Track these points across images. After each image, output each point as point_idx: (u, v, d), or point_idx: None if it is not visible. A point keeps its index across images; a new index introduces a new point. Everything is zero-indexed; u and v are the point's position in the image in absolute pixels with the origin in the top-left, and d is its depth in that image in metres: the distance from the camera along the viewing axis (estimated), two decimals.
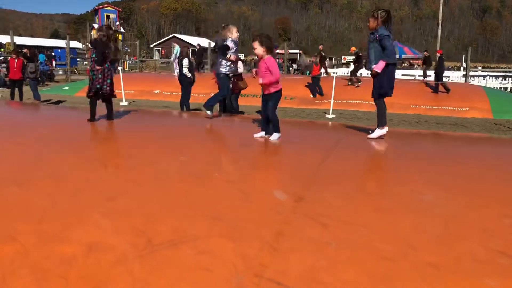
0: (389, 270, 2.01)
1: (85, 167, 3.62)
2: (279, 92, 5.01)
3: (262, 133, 5.07)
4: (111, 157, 4.13)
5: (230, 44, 6.53)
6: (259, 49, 4.90)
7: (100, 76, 5.92)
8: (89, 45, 6.05)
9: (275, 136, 4.96)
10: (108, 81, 6.02)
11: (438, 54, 17.09)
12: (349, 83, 16.25)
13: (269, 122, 5.04)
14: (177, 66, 21.85)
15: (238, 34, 6.69)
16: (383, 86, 5.07)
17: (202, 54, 23.65)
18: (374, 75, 5.01)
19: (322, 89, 15.12)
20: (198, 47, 24.08)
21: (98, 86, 5.91)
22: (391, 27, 5.14)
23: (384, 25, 5.00)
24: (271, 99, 5.01)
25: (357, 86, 15.69)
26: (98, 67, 5.87)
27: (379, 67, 4.91)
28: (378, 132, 5.19)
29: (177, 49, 22.27)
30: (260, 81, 4.90)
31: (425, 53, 19.65)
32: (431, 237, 2.34)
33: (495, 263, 2.08)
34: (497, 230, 2.45)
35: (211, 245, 2.20)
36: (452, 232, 2.40)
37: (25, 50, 13.47)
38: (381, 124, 5.21)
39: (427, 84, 16.15)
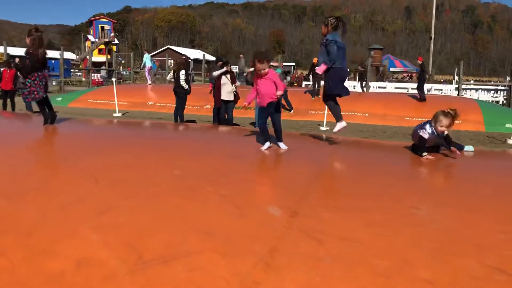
0: (385, 286, 1.98)
1: (76, 180, 3.57)
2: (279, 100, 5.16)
3: (268, 143, 5.05)
4: (102, 170, 4.08)
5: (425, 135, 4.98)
6: (267, 67, 4.97)
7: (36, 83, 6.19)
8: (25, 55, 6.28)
9: (283, 145, 5.09)
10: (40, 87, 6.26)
11: (419, 62, 17.11)
12: (314, 97, 16.82)
13: (266, 131, 5.12)
14: (149, 75, 22.24)
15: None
16: (327, 87, 5.52)
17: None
18: (316, 75, 5.57)
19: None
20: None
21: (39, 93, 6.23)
22: (345, 34, 5.48)
23: (335, 31, 5.31)
24: (276, 109, 5.14)
25: (313, 98, 15.99)
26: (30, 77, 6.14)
27: (320, 69, 5.31)
28: (338, 126, 5.56)
29: (145, 57, 22.87)
30: (279, 92, 4.98)
31: (360, 68, 19.65)
32: (426, 252, 2.31)
33: (491, 279, 2.06)
34: (492, 245, 2.43)
35: (203, 261, 2.15)
36: (448, 248, 2.37)
37: (17, 60, 13.43)
38: (338, 119, 5.58)
39: (413, 96, 16.26)
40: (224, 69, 10.14)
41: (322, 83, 22.75)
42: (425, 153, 4.77)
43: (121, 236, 2.42)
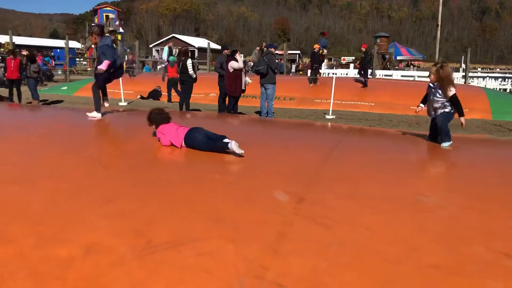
0: (392, 272, 1.99)
1: (85, 168, 3.59)
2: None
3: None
4: (110, 158, 4.10)
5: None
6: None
7: None
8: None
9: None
10: None
11: (363, 49, 16.83)
12: (311, 83, 16.77)
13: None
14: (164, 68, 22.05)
15: None
16: (101, 80, 6.59)
17: (172, 54, 24.08)
18: (99, 73, 6.39)
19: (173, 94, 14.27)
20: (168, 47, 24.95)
21: None
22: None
23: (101, 36, 6.41)
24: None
25: (316, 83, 16.59)
26: None
27: (103, 67, 6.26)
28: (93, 114, 6.53)
29: (165, 50, 22.57)
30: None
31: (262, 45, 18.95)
32: (433, 238, 2.31)
33: (498, 264, 2.06)
34: (499, 231, 2.43)
35: (211, 246, 2.17)
36: (455, 234, 2.37)
37: (24, 53, 13.48)
38: (97, 109, 6.57)
39: (356, 80, 15.83)
40: (243, 58, 10.19)
41: (321, 70, 22.45)
42: (421, 105, 5.60)
43: (129, 223, 2.44)
